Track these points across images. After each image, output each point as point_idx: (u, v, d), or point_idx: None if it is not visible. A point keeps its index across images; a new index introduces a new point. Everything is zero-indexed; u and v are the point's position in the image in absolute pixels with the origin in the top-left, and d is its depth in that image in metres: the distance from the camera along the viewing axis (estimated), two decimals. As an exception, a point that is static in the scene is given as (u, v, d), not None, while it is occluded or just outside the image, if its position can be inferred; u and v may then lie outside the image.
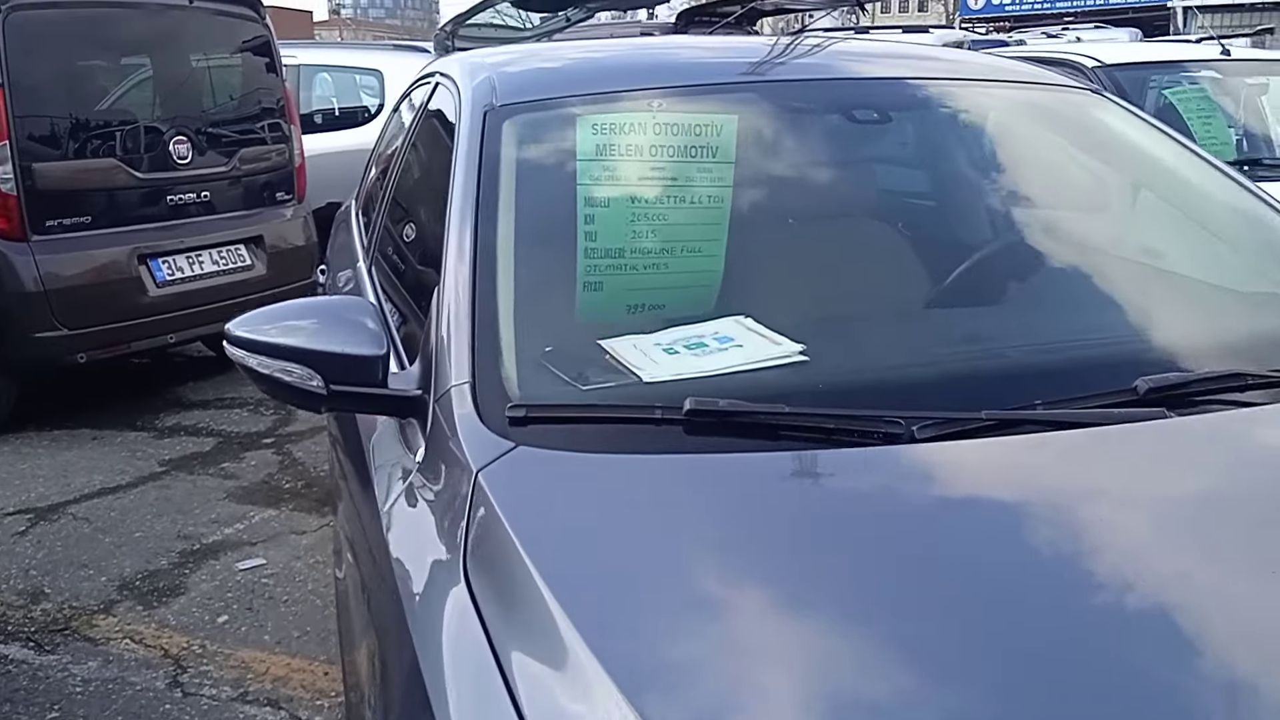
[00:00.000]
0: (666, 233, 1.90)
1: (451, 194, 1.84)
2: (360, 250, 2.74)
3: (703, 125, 1.94)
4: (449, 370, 1.50)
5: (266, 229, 5.67)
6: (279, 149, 5.84)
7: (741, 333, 1.65)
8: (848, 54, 2.41)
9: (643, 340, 1.65)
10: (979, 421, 1.37)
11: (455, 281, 1.66)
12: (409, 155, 2.55)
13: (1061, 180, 2.15)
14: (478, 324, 1.57)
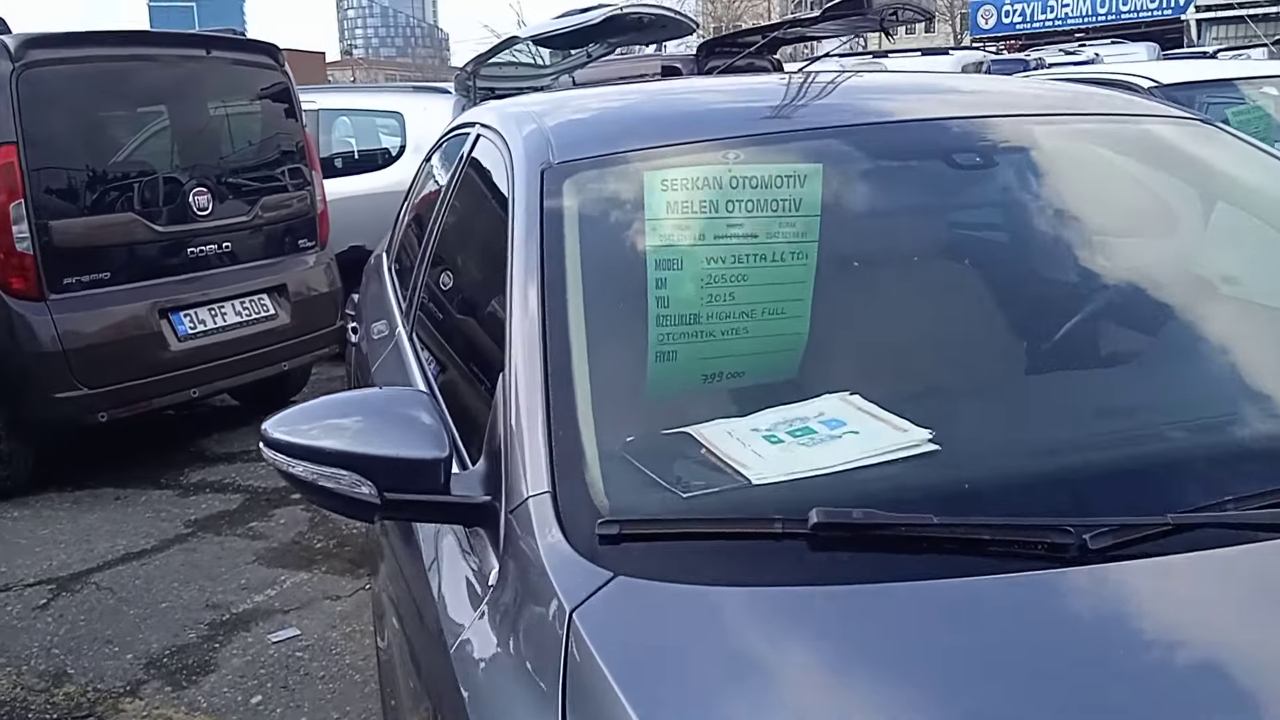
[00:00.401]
0: (746, 295, 1.71)
1: (511, 262, 1.65)
2: (397, 312, 2.55)
3: (784, 177, 1.75)
4: (523, 475, 1.31)
5: (290, 277, 5.52)
6: (300, 195, 5.70)
7: (852, 414, 1.45)
8: (921, 90, 2.22)
9: (738, 426, 1.45)
10: (1163, 527, 1.16)
11: (524, 364, 1.47)
12: (451, 213, 2.36)
13: (1200, 228, 1.95)
14: (554, 416, 1.38)
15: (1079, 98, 2.15)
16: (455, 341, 2.03)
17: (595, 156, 1.81)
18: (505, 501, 1.32)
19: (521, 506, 1.28)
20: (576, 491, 1.27)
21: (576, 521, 1.22)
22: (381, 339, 2.55)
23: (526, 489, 1.29)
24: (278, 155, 5.67)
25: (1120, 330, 1.72)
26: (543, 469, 1.31)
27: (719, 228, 1.72)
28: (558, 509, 1.24)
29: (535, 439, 1.37)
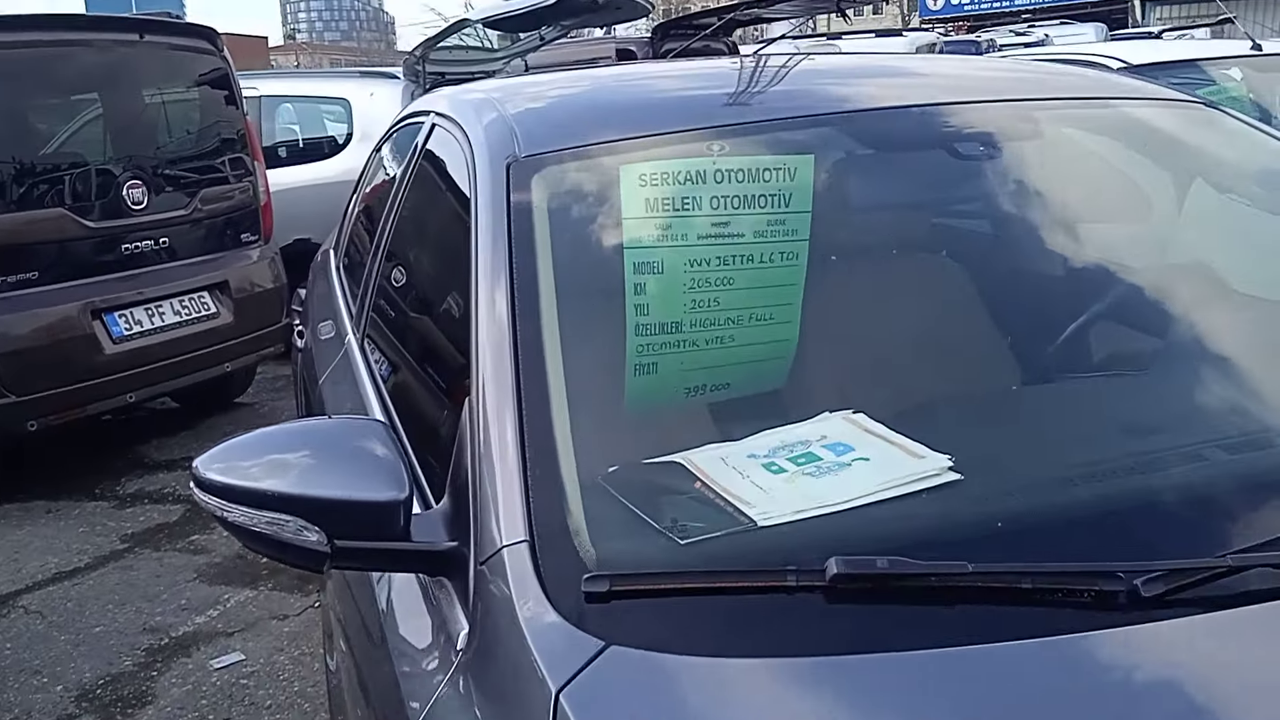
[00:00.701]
0: (731, 299, 1.56)
1: (475, 266, 1.48)
2: (347, 316, 2.35)
3: (773, 169, 1.59)
4: (494, 519, 1.14)
5: (232, 273, 5.27)
6: (242, 187, 5.44)
7: (859, 437, 1.30)
8: (906, 74, 2.06)
9: (734, 452, 1.30)
10: (1220, 568, 1.02)
11: (492, 383, 1.30)
12: (405, 211, 2.17)
13: (1224, 223, 1.81)
14: (528, 445, 1.21)
15: (1074, 80, 2.01)
16: (413, 354, 1.85)
17: (565, 149, 1.63)
18: (475, 550, 1.15)
19: (495, 558, 1.10)
20: (558, 540, 1.10)
21: (559, 577, 1.05)
22: (329, 345, 2.35)
23: (500, 536, 1.12)
24: (217, 145, 5.41)
25: (1152, 335, 1.58)
26: (518, 512, 1.14)
27: (702, 226, 1.56)
28: (537, 562, 1.07)
29: (508, 473, 1.20)
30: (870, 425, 1.32)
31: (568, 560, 1.07)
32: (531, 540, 1.09)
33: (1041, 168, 1.71)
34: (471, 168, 1.66)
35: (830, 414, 1.38)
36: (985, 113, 1.75)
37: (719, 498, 1.18)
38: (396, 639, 1.34)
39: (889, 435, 1.29)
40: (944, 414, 1.41)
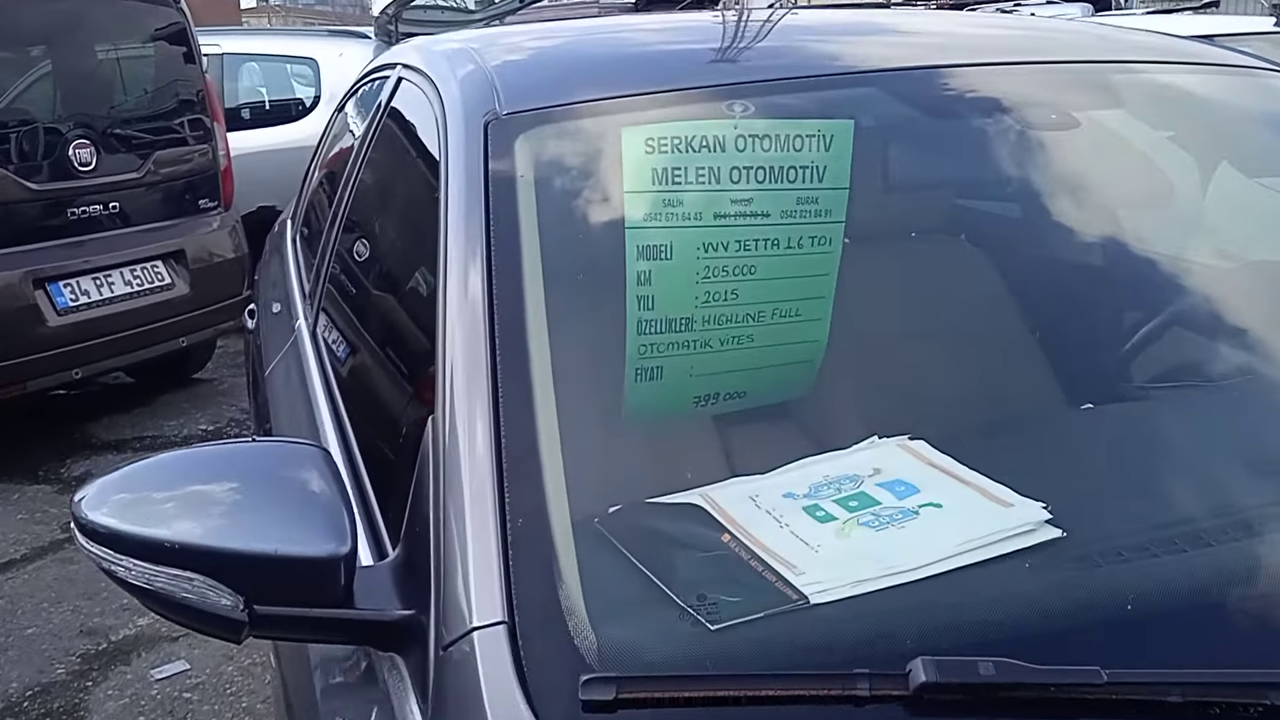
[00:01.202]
0: (752, 292, 1.30)
1: (445, 250, 1.20)
2: (299, 300, 2.06)
3: (805, 137, 1.32)
4: (463, 588, 0.87)
5: (188, 241, 4.93)
6: (200, 150, 5.10)
7: (923, 473, 1.04)
8: (952, 32, 1.78)
9: (766, 490, 1.04)
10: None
11: (463, 400, 1.03)
12: (364, 179, 1.88)
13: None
14: (510, 482, 0.94)
15: (1143, 45, 1.73)
16: (369, 351, 1.56)
17: (556, 106, 1.35)
18: (436, 627, 0.88)
19: (461, 643, 0.83)
20: (547, 622, 0.83)
21: (548, 677, 0.78)
22: (279, 330, 2.06)
23: (469, 614, 0.84)
24: (174, 105, 5.07)
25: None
26: (494, 577, 0.87)
27: (720, 204, 1.29)
28: (518, 654, 0.80)
29: (481, 517, 0.93)
30: (935, 457, 1.06)
31: (560, 652, 0.80)
32: (511, 622, 0.82)
33: (1125, 143, 1.44)
34: (442, 127, 1.38)
35: (881, 439, 1.12)
36: (1056, 76, 1.48)
37: (755, 558, 0.91)
38: (330, 714, 1.08)
39: (961, 472, 1.03)
40: (1023, 441, 1.16)
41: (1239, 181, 1.51)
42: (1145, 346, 1.47)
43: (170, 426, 4.98)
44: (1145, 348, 1.46)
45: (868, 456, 1.09)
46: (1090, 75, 1.47)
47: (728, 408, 1.33)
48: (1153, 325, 1.48)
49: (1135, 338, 1.48)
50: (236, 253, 5.19)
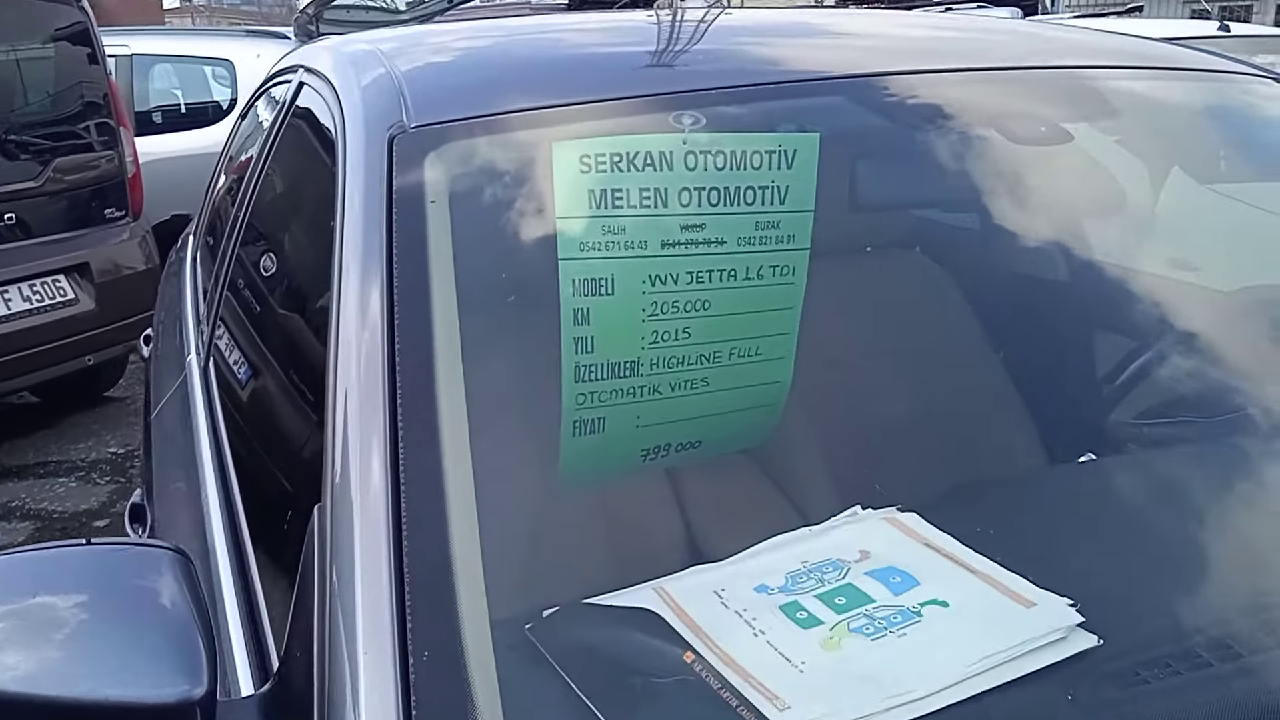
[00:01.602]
0: (706, 330, 1.13)
1: (337, 290, 1.00)
2: (193, 330, 1.83)
3: (764, 153, 1.14)
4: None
5: (94, 254, 4.64)
6: (106, 156, 4.81)
7: (920, 557, 0.87)
8: (918, 31, 1.62)
9: (732, 579, 0.86)
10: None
11: (356, 487, 0.84)
12: (259, 199, 1.66)
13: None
14: (413, 590, 0.76)
15: (1128, 51, 1.58)
16: (260, 403, 1.34)
17: (474, 118, 1.15)
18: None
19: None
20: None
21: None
22: (169, 368, 1.83)
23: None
24: (77, 108, 4.77)
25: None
26: (391, 715, 0.68)
27: (668, 230, 1.11)
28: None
29: (376, 633, 0.74)
30: (930, 535, 0.90)
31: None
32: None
33: (1119, 158, 1.29)
34: (341, 141, 1.18)
35: (865, 511, 0.95)
36: (1041, 83, 1.32)
37: (725, 686, 0.73)
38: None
39: (964, 555, 0.86)
40: (1025, 506, 0.99)
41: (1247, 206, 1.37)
42: (1138, 381, 1.33)
43: (77, 450, 4.69)
44: (1138, 383, 1.33)
45: (851, 534, 0.92)
46: (1076, 82, 1.32)
47: (680, 460, 1.17)
48: (1147, 357, 1.34)
49: (1128, 371, 1.35)
50: (147, 264, 4.90)
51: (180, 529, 1.22)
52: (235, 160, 2.32)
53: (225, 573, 0.99)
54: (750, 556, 0.90)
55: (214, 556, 1.03)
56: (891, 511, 0.93)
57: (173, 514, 1.26)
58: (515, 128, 1.16)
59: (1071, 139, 1.27)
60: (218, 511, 1.12)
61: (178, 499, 1.27)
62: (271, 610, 0.92)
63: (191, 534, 1.15)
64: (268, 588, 0.95)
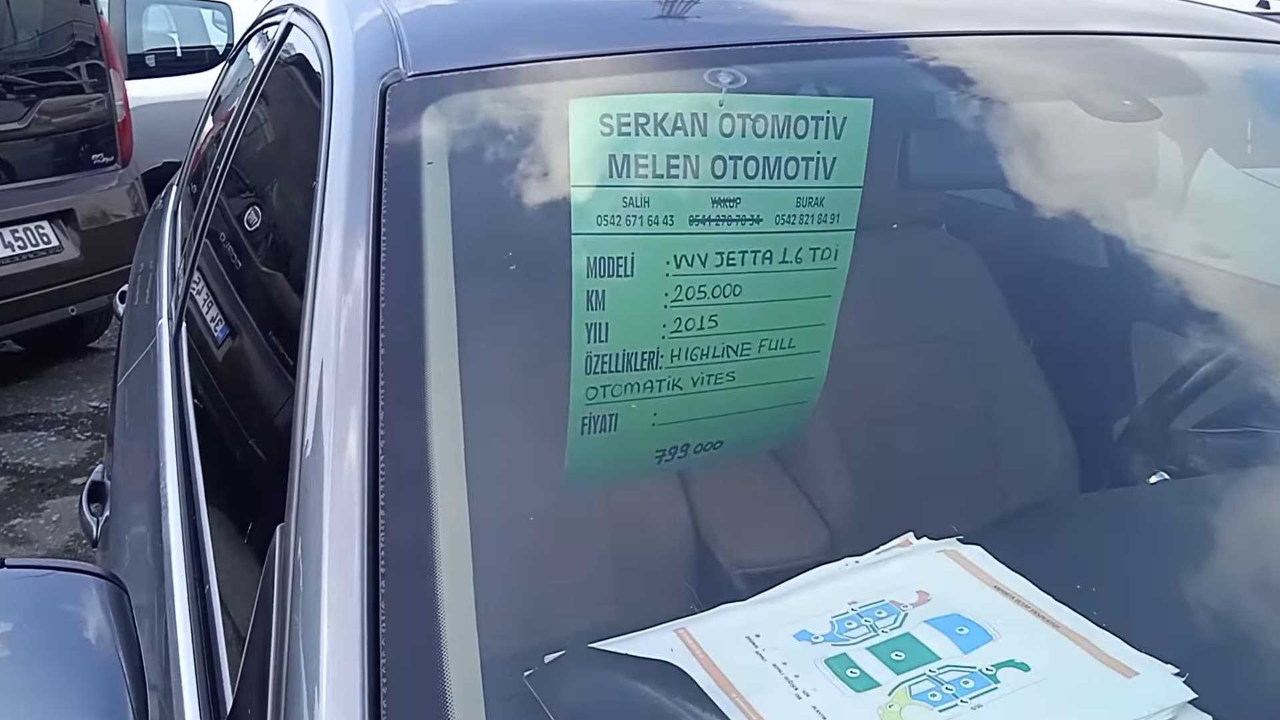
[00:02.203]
0: (736, 318, 1.00)
1: (316, 256, 0.87)
2: (165, 294, 1.68)
3: (810, 119, 1.00)
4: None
5: (80, 201, 4.50)
6: (95, 99, 4.65)
7: (988, 603, 0.74)
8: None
9: (768, 623, 0.74)
10: None
11: (327, 497, 0.71)
12: (242, 151, 1.51)
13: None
14: (389, 623, 0.63)
15: (1187, 17, 1.43)
16: (230, 381, 1.19)
17: (480, 68, 1.01)
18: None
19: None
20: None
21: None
22: (140, 332, 1.69)
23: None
24: (66, 49, 4.60)
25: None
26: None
27: (698, 204, 0.98)
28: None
29: (342, 675, 0.62)
30: (999, 574, 0.77)
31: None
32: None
33: (1213, 140, 1.15)
34: (329, 89, 1.03)
35: (919, 540, 0.82)
36: (1113, 50, 1.17)
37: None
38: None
39: (1041, 602, 0.73)
40: (1111, 545, 0.86)
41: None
42: (1201, 388, 1.20)
43: (58, 403, 4.56)
44: (1201, 390, 1.20)
45: (906, 569, 0.79)
46: (1165, 52, 1.17)
47: (700, 461, 1.04)
48: (1214, 362, 1.21)
49: (1193, 377, 1.22)
50: (136, 212, 4.75)
51: (135, 521, 1.09)
52: (222, 107, 2.16)
53: (179, 587, 0.86)
54: (788, 593, 0.77)
55: (168, 565, 0.90)
56: (952, 543, 0.80)
57: (129, 501, 1.13)
58: (527, 80, 1.02)
59: (1160, 115, 1.13)
60: (176, 507, 0.99)
61: (136, 484, 1.14)
62: (229, 635, 0.80)
63: (147, 530, 1.02)
64: (229, 609, 0.82)
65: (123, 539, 1.12)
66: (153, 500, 1.04)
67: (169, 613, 0.81)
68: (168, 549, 0.93)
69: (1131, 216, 1.29)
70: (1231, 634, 0.75)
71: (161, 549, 0.95)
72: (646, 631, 0.73)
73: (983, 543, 0.80)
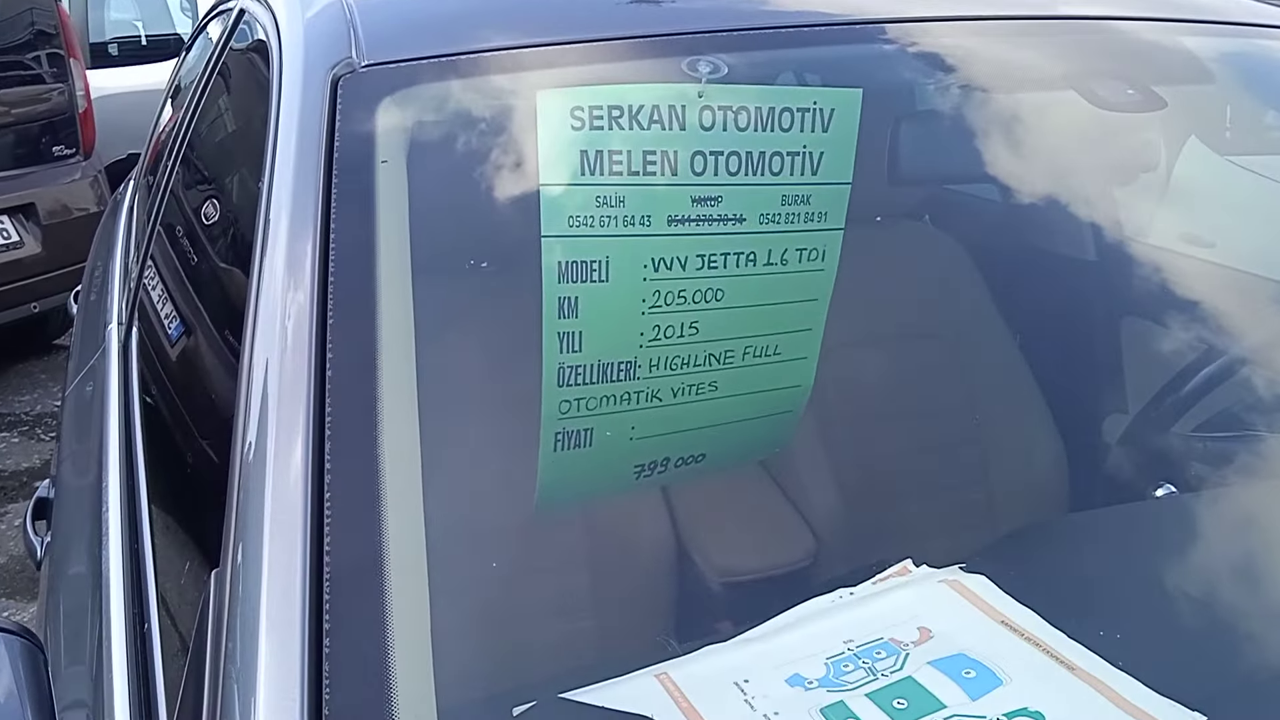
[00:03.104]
0: (717, 324, 0.95)
1: (259, 260, 0.80)
2: (116, 294, 1.59)
3: (796, 111, 0.94)
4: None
5: (41, 194, 4.39)
6: (56, 89, 4.53)
7: (997, 642, 0.68)
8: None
9: (757, 666, 0.68)
10: None
11: (270, 527, 0.64)
12: (191, 145, 1.43)
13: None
14: (334, 674, 0.57)
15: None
16: (177, 395, 1.11)
17: (439, 57, 0.94)
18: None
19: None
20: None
21: None
22: (89, 336, 1.60)
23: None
24: (23, 38, 4.48)
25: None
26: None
27: (677, 203, 0.91)
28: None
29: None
30: (1007, 607, 0.71)
31: None
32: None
33: (1223, 135, 1.09)
34: (277, 81, 0.96)
35: (918, 570, 0.76)
36: (1112, 37, 1.10)
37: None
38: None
39: (1054, 641, 0.67)
40: (1119, 569, 0.80)
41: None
42: (1204, 391, 1.15)
43: (22, 403, 4.45)
44: (1203, 393, 1.15)
45: (904, 602, 0.73)
46: (1171, 39, 1.11)
47: (680, 476, 0.98)
48: (1217, 364, 1.16)
49: (1189, 378, 1.17)
50: (99, 206, 4.64)
51: (76, 547, 1.01)
52: (178, 98, 2.07)
53: (116, 627, 0.79)
54: (778, 631, 0.70)
55: (105, 600, 0.83)
56: (954, 572, 0.74)
57: (71, 525, 1.06)
58: (491, 70, 0.94)
59: (1165, 105, 1.07)
60: (117, 535, 0.91)
61: (78, 506, 1.06)
62: (170, 679, 0.73)
63: (87, 558, 0.95)
64: (168, 650, 0.75)
65: (61, 571, 1.05)
66: (94, 526, 0.97)
67: (104, 659, 0.74)
68: (106, 582, 0.86)
69: (1120, 207, 1.24)
70: (1261, 669, 0.69)
71: (101, 581, 0.88)
72: (625, 678, 0.66)
73: (985, 568, 0.74)
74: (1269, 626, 0.73)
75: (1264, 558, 0.82)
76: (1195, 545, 0.84)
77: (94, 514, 0.99)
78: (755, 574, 1.03)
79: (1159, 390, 1.17)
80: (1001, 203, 1.20)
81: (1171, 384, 1.17)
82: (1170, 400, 1.17)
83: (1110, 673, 0.64)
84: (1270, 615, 0.74)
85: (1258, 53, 1.27)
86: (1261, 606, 0.76)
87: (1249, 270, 1.21)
